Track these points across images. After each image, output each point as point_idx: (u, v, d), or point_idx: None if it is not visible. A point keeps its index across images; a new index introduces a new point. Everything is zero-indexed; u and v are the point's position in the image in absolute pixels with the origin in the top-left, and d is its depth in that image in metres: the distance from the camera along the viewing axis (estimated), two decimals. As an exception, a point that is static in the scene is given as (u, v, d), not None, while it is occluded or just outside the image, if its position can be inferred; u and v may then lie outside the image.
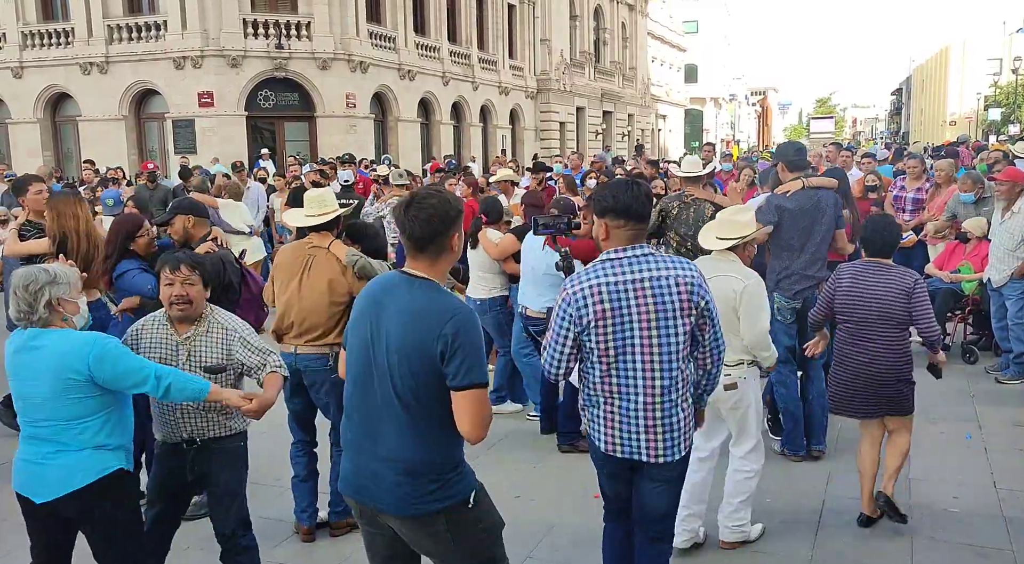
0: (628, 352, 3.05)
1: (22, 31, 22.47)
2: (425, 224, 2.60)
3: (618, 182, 3.18)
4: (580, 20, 37.37)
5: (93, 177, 14.26)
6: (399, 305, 2.61)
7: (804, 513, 4.71)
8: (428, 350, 2.53)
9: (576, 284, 3.06)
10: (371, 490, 2.67)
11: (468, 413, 2.58)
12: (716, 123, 68.80)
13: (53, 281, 3.09)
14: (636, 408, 3.09)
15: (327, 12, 21.88)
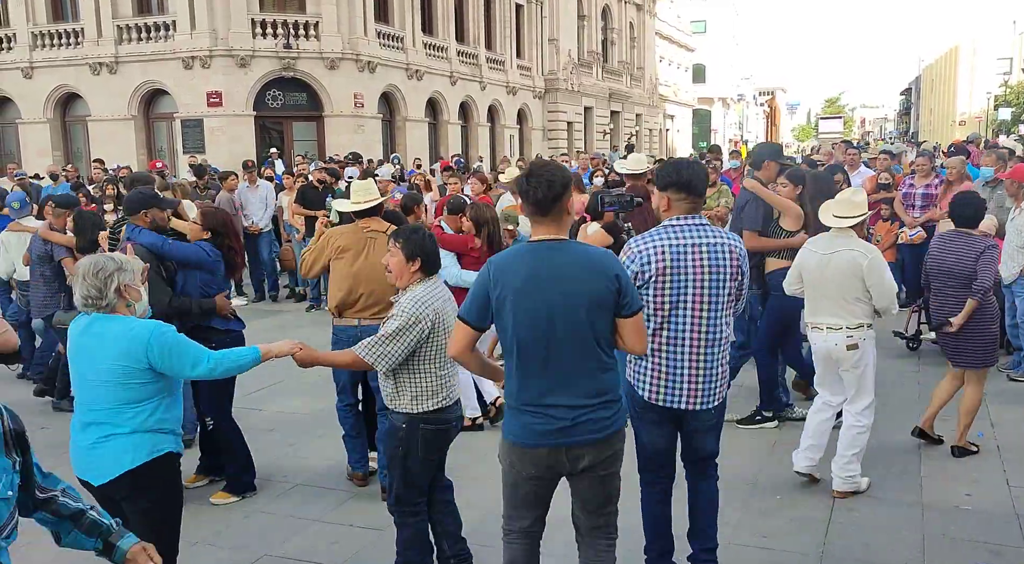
0: (681, 308, 3.45)
1: (32, 32, 22.58)
2: (548, 188, 2.91)
3: (681, 160, 3.69)
4: (588, 20, 37.34)
5: (102, 176, 14.29)
6: (565, 265, 2.92)
7: (815, 510, 4.68)
8: (606, 292, 2.92)
9: (641, 243, 3.48)
10: (571, 431, 2.97)
11: (638, 333, 3.04)
12: (724, 123, 68.64)
13: (121, 268, 3.22)
14: (683, 360, 3.48)
15: (335, 12, 21.90)
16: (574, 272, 2.92)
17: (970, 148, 13.88)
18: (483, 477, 5.43)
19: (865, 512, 4.64)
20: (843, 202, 4.81)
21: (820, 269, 4.73)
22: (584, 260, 2.95)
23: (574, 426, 2.98)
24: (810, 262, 4.81)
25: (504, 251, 3.22)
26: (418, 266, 3.59)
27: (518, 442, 3.05)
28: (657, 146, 46.60)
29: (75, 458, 3.22)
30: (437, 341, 3.58)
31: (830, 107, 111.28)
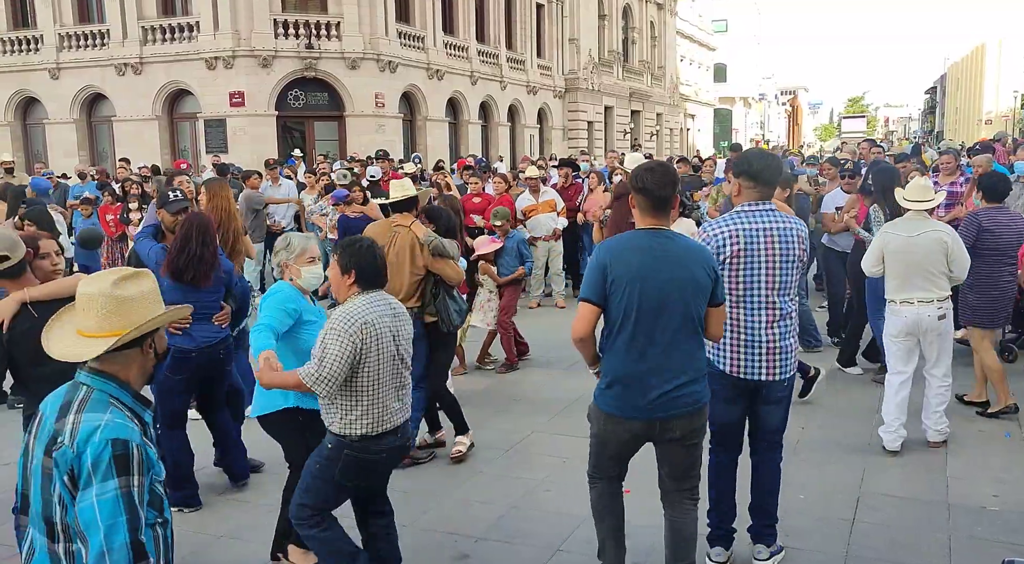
0: (754, 287, 3.73)
1: (59, 33, 22.89)
2: (670, 186, 3.33)
3: (754, 151, 4.03)
4: (608, 19, 37.26)
5: (128, 175, 14.47)
6: (675, 254, 3.29)
7: (839, 509, 4.65)
8: (706, 280, 3.31)
9: (716, 228, 3.75)
10: (667, 406, 3.32)
11: (720, 321, 3.45)
12: (745, 123, 68.22)
13: (284, 248, 3.87)
14: (760, 335, 3.76)
15: (356, 12, 22.01)
16: (683, 260, 3.29)
17: (996, 146, 13.71)
18: (492, 474, 5.45)
19: (890, 512, 4.61)
20: (916, 188, 5.40)
21: (907, 249, 5.28)
22: (690, 251, 3.34)
23: (670, 401, 3.32)
24: (894, 244, 5.33)
25: (617, 237, 3.43)
26: (352, 279, 3.40)
27: (615, 413, 3.38)
28: (678, 146, 46.41)
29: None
30: (369, 360, 3.33)
31: (853, 106, 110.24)
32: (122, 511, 1.96)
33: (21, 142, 24.09)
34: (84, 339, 2.08)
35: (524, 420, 6.33)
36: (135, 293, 2.14)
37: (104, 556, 1.94)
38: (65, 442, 2.00)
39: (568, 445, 5.80)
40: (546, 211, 10.29)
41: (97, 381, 2.11)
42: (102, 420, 2.02)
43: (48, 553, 2.08)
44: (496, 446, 5.79)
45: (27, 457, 2.15)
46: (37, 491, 2.07)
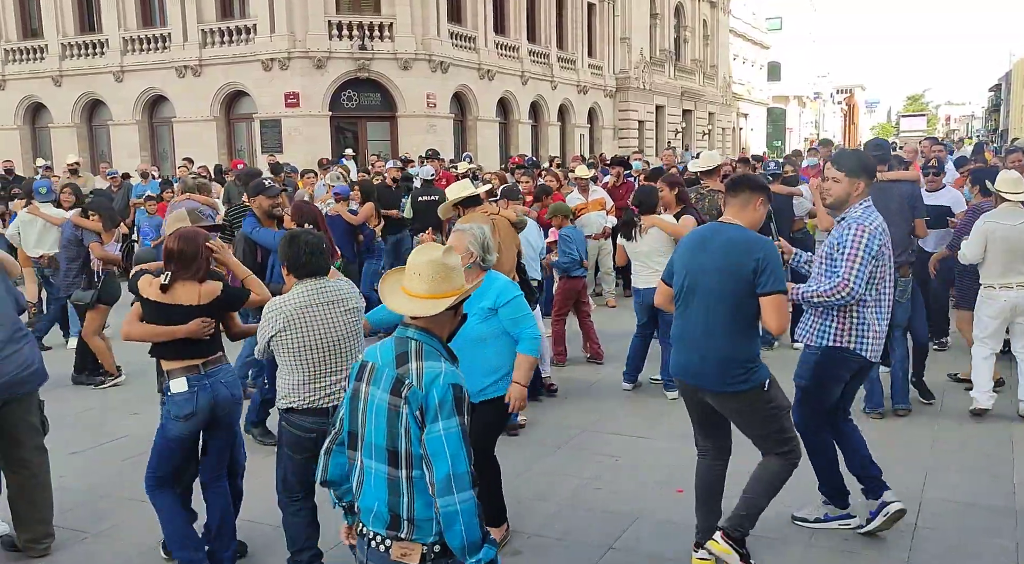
0: (887, 278, 4.10)
1: (123, 37, 23.58)
2: (737, 186, 3.86)
3: (860, 150, 4.74)
4: (660, 18, 36.93)
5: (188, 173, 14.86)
6: (722, 241, 3.69)
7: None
8: (746, 269, 3.59)
9: (872, 222, 4.00)
10: (696, 376, 3.77)
11: (774, 313, 3.61)
12: (799, 122, 66.98)
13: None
14: (885, 322, 4.12)
15: (409, 13, 22.22)
16: (725, 247, 3.66)
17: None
18: (542, 470, 5.46)
19: (953, 518, 4.49)
20: (1009, 181, 5.86)
21: (1011, 238, 5.75)
22: (735, 240, 3.68)
23: (698, 373, 3.76)
24: (998, 233, 5.78)
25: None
26: (286, 270, 3.76)
27: (672, 372, 3.99)
28: (730, 145, 45.77)
29: None
30: (289, 343, 3.61)
31: (913, 104, 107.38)
32: (463, 445, 2.37)
33: (87, 143, 24.89)
34: (417, 299, 2.49)
35: (575, 417, 6.32)
36: (456, 264, 2.55)
37: (451, 479, 2.33)
38: (413, 384, 2.39)
39: (619, 443, 5.77)
40: (595, 210, 10.26)
41: (423, 336, 2.50)
42: (441, 368, 2.43)
43: (387, 478, 2.44)
44: (547, 442, 5.79)
45: (358, 400, 2.52)
46: (381, 426, 2.43)
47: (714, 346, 3.68)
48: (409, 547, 2.43)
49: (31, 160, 22.90)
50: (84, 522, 4.68)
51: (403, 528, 2.43)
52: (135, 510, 4.81)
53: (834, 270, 3.99)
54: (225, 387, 3.94)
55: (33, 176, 14.99)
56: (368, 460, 2.50)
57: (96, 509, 4.86)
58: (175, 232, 4.02)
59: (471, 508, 2.35)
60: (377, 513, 2.47)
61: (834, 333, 4.04)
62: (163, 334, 3.86)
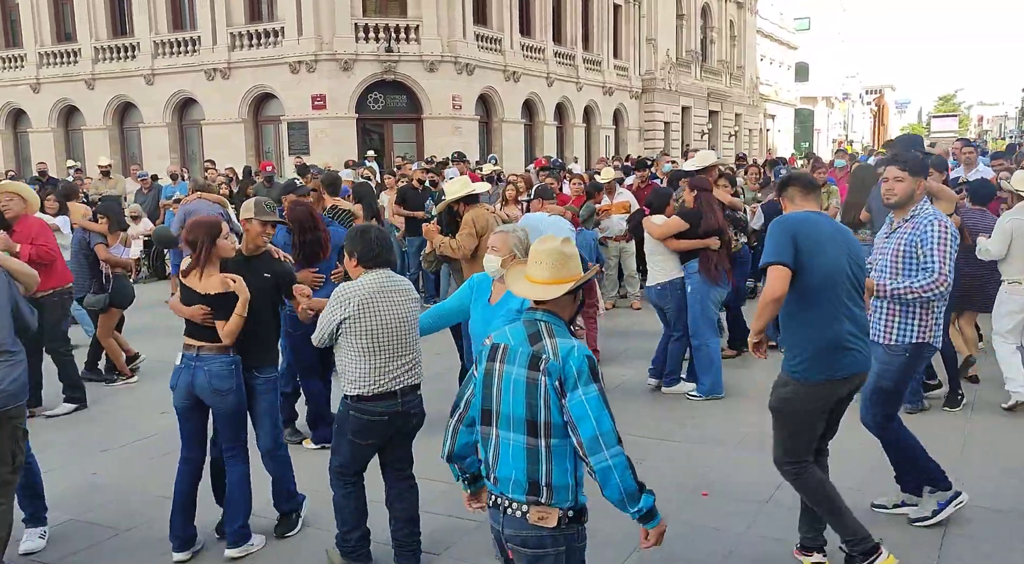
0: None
1: (154, 40, 23.93)
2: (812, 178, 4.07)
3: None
4: (687, 19, 36.75)
5: (216, 176, 15.06)
6: (843, 230, 3.91)
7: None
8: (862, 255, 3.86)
9: (946, 217, 4.18)
10: (859, 358, 3.79)
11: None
12: (828, 123, 66.28)
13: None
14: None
15: (435, 15, 22.31)
16: (849, 235, 3.85)
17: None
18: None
19: (982, 524, 4.41)
20: (1022, 179, 6.17)
21: None
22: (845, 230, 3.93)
23: (865, 359, 3.84)
24: (1021, 229, 6.00)
25: (793, 214, 3.81)
26: (355, 262, 3.90)
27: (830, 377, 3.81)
28: (757, 146, 45.42)
29: None
30: (361, 327, 3.79)
31: (944, 105, 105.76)
32: (604, 406, 2.57)
33: (118, 145, 25.27)
34: (539, 285, 2.72)
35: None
36: (572, 252, 2.75)
37: (598, 437, 2.53)
38: (550, 358, 2.59)
39: (644, 446, 5.75)
40: (619, 212, 10.25)
41: (550, 317, 2.71)
42: (573, 342, 2.65)
43: (525, 447, 2.62)
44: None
45: (492, 379, 2.71)
46: (519, 399, 2.62)
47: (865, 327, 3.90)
48: (547, 511, 2.60)
49: (64, 162, 23.31)
50: (114, 519, 4.76)
51: (542, 494, 2.61)
52: (165, 507, 4.87)
53: (913, 266, 4.14)
54: (205, 375, 4.13)
55: (65, 178, 15.27)
56: (505, 432, 2.67)
57: (126, 506, 4.93)
58: (189, 221, 4.31)
59: (623, 461, 2.55)
60: (516, 481, 2.64)
61: (918, 330, 4.19)
62: (177, 312, 4.26)
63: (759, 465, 4.06)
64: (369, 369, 3.83)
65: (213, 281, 4.13)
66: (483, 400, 2.74)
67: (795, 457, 3.84)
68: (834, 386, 3.75)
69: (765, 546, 4.27)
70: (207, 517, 4.45)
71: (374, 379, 3.83)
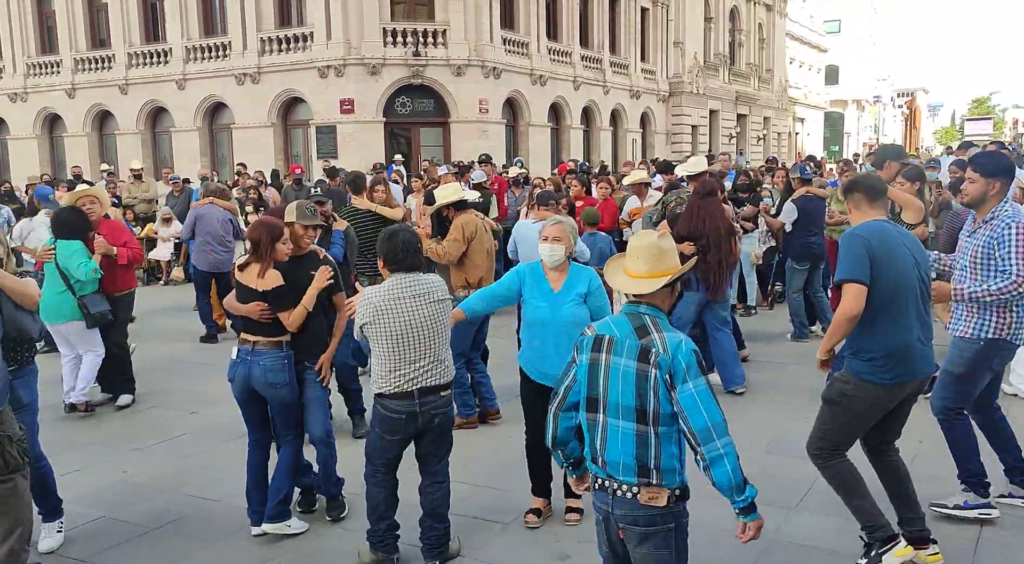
0: None
1: (186, 46, 24.27)
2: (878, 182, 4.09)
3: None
4: (715, 22, 36.55)
5: (247, 180, 15.23)
6: (907, 237, 3.94)
7: (962, 530, 4.38)
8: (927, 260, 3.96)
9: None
10: (926, 362, 3.88)
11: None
12: (858, 126, 65.54)
13: None
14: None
15: (462, 19, 22.39)
16: (915, 241, 3.92)
17: None
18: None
19: (1017, 532, 4.33)
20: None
21: None
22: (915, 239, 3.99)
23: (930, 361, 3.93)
24: None
25: (862, 228, 3.83)
26: (382, 263, 4.06)
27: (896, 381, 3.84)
28: (786, 150, 45.02)
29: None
30: (379, 331, 3.94)
31: (978, 108, 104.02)
32: (712, 398, 2.72)
33: (150, 149, 25.65)
34: (638, 279, 2.85)
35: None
36: (670, 246, 2.90)
37: (710, 428, 2.68)
38: (660, 352, 2.73)
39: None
40: (638, 215, 10.18)
41: (653, 310, 2.85)
42: (679, 336, 2.79)
43: (635, 433, 2.78)
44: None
45: (598, 368, 2.85)
46: (628, 389, 2.77)
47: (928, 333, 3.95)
48: (657, 492, 2.77)
49: (98, 165, 23.71)
50: (145, 517, 4.81)
51: (652, 476, 2.77)
52: (194, 506, 4.94)
53: (991, 267, 4.22)
54: (260, 369, 4.36)
55: (99, 181, 15.52)
56: (614, 419, 2.82)
57: (157, 504, 4.99)
58: (254, 221, 4.58)
59: (733, 451, 2.70)
60: (625, 465, 2.80)
61: (995, 327, 4.28)
62: (233, 308, 4.50)
63: (787, 469, 4.02)
64: (388, 369, 3.96)
65: (269, 278, 4.34)
66: (589, 388, 2.88)
67: (836, 448, 3.92)
68: (901, 389, 3.84)
69: (793, 552, 4.23)
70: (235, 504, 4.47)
71: (391, 379, 3.96)
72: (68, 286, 6.42)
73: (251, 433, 4.58)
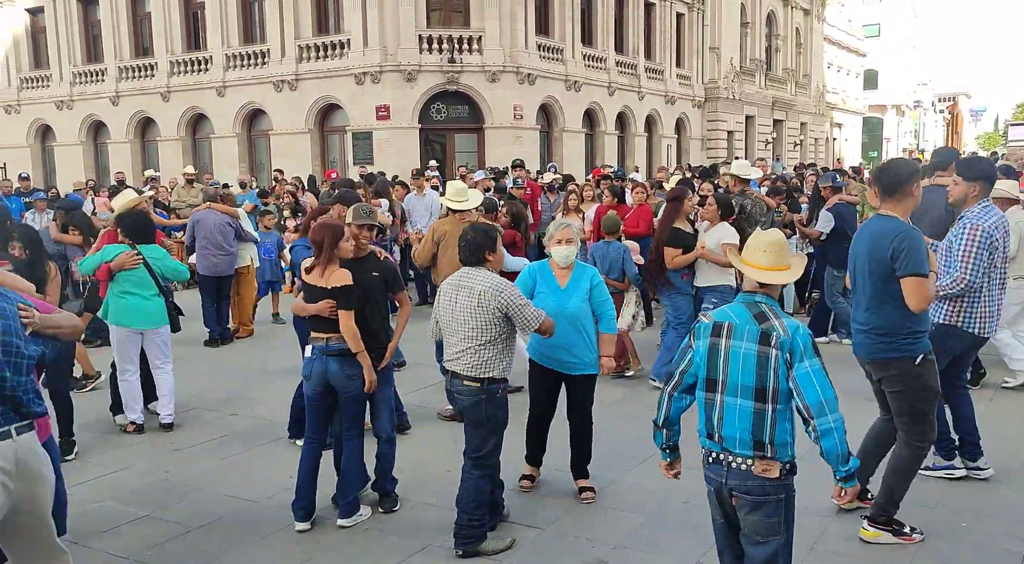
0: (998, 263, 4.79)
1: (226, 54, 24.67)
2: (894, 176, 4.19)
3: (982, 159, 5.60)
4: (751, 27, 36.23)
5: (285, 185, 15.45)
6: (871, 234, 4.19)
7: (1005, 540, 4.30)
8: (884, 257, 4.05)
9: (987, 220, 4.62)
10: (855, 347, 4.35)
11: (910, 294, 4.02)
12: (898, 132, 64.48)
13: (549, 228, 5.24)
14: (995, 300, 4.85)
15: (497, 26, 22.47)
16: (872, 239, 4.16)
17: None
18: (630, 482, 5.41)
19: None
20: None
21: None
22: (881, 230, 4.12)
23: (855, 345, 4.36)
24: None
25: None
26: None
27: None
28: (823, 155, 44.44)
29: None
30: (436, 312, 4.50)
31: (1023, 112, 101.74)
32: (826, 376, 3.03)
33: (191, 155, 26.08)
34: (764, 270, 3.17)
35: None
36: (784, 241, 3.26)
37: (823, 403, 2.99)
38: (781, 335, 3.05)
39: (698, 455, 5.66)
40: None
41: (767, 299, 3.18)
42: (796, 321, 3.13)
43: (752, 411, 3.08)
44: (632, 454, 5.74)
45: (717, 352, 3.14)
46: (749, 370, 3.07)
47: (865, 320, 4.26)
48: (770, 464, 3.07)
49: (140, 172, 24.19)
50: (186, 516, 4.90)
51: (767, 450, 3.07)
52: (233, 506, 5.01)
53: (952, 264, 4.67)
54: (337, 362, 4.59)
55: (143, 187, 15.84)
56: (732, 398, 3.11)
57: (197, 504, 5.08)
58: (316, 224, 4.77)
59: (842, 425, 3.00)
60: (742, 440, 3.10)
61: (945, 312, 4.79)
62: (302, 310, 4.69)
63: (820, 479, 3.96)
64: (445, 345, 4.48)
65: (336, 276, 4.56)
66: (708, 371, 3.17)
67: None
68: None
69: (833, 561, 4.17)
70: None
71: (444, 354, 4.49)
72: (160, 290, 6.38)
73: (314, 431, 4.76)
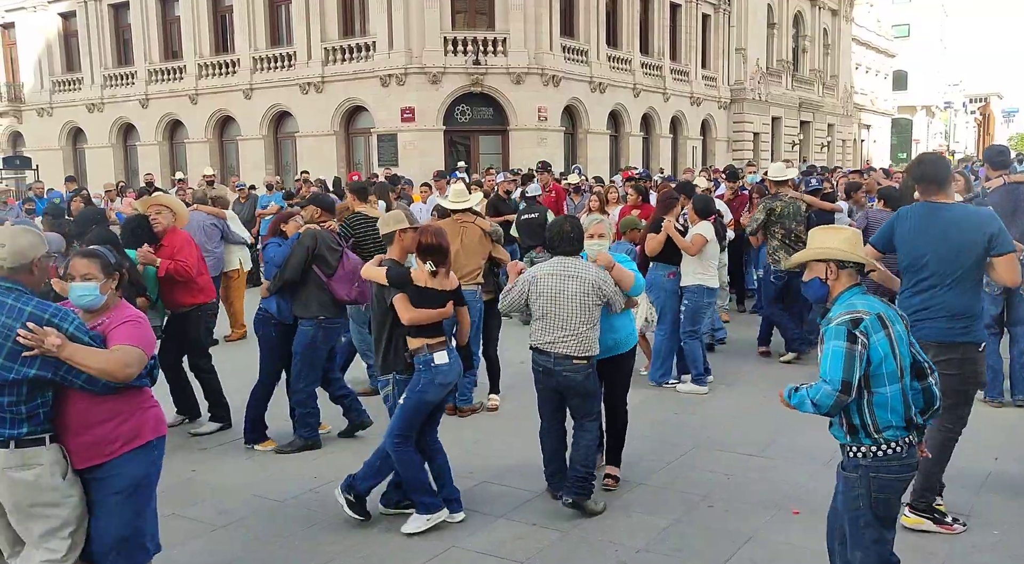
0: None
1: (253, 57, 24.91)
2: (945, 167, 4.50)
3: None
4: (778, 28, 35.93)
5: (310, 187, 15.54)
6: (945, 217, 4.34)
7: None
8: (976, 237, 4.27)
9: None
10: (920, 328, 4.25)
11: (1010, 269, 4.34)
12: (927, 133, 63.62)
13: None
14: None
15: (522, 28, 22.47)
16: (955, 223, 4.28)
17: None
18: (655, 486, 5.37)
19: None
20: None
21: None
22: (960, 215, 4.32)
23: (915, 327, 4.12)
24: None
25: (908, 209, 4.50)
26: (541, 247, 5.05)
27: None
28: (851, 157, 43.97)
29: None
30: (531, 296, 4.79)
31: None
32: None
33: (217, 157, 26.39)
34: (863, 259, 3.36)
35: (686, 434, 6.22)
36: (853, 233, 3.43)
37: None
38: (906, 316, 3.36)
39: (729, 461, 5.63)
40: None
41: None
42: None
43: (921, 389, 3.30)
44: (658, 458, 5.70)
45: (893, 341, 3.20)
46: (906, 350, 3.24)
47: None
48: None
49: (169, 173, 24.49)
50: (211, 515, 4.94)
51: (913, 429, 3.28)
52: (259, 505, 5.05)
53: None
54: (458, 362, 4.85)
55: (169, 189, 16.05)
56: (908, 381, 3.24)
57: (221, 503, 5.12)
58: (431, 230, 4.82)
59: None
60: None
61: None
62: (424, 317, 4.63)
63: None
64: (536, 328, 4.77)
65: (453, 279, 4.84)
66: (899, 359, 3.23)
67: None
68: None
69: None
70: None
71: (537, 337, 4.77)
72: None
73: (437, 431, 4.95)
